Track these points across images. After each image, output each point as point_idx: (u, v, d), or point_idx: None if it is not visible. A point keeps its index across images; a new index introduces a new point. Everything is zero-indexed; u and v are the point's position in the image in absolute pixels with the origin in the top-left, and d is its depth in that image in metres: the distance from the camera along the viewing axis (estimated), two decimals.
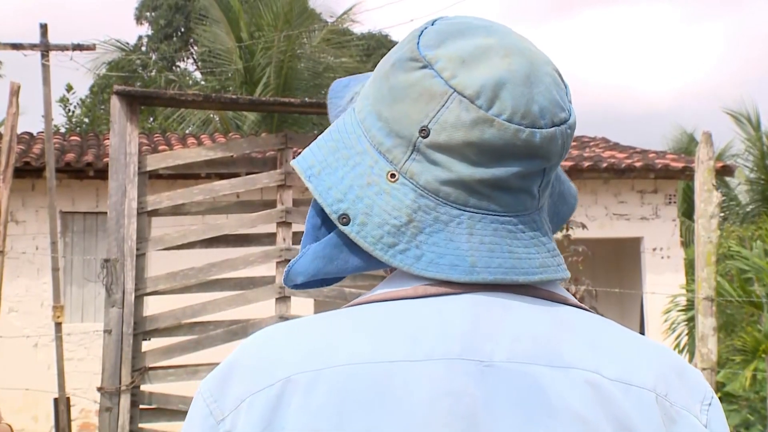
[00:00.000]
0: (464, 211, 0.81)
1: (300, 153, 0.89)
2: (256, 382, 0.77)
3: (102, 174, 9.52)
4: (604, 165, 11.09)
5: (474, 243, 0.81)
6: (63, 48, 7.78)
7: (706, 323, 4.62)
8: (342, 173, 0.83)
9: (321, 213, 0.87)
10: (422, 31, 0.85)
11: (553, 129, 0.82)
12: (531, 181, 0.83)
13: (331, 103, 0.95)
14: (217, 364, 0.85)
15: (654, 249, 11.45)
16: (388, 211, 0.81)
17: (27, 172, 10.06)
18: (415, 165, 0.81)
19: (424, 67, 0.82)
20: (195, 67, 25.49)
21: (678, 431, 0.79)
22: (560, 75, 0.86)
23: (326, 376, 0.76)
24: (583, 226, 7.88)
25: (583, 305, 0.86)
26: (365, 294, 0.86)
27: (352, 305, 0.84)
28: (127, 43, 21.93)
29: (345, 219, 0.82)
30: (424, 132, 0.81)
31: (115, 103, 5.47)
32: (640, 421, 0.78)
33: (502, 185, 0.81)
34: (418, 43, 0.84)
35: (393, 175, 0.82)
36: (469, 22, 0.86)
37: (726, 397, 7.37)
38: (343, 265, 0.84)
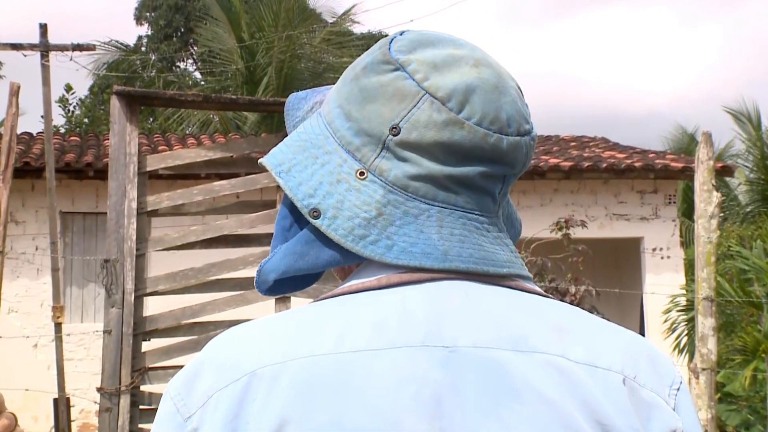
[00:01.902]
0: (433, 205, 0.83)
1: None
2: (222, 378, 0.79)
3: (102, 174, 9.52)
4: (604, 165, 11.09)
5: (444, 234, 0.83)
6: (63, 48, 7.77)
7: (706, 323, 4.62)
8: (311, 170, 0.85)
9: (291, 214, 0.89)
10: (392, 40, 0.88)
11: (518, 138, 0.85)
12: (493, 185, 0.86)
13: (288, 115, 0.97)
14: None
15: (654, 249, 11.45)
16: (358, 206, 0.83)
17: (27, 172, 10.06)
18: (384, 162, 0.84)
19: (397, 69, 0.85)
20: (195, 67, 25.49)
21: (647, 412, 0.80)
22: (522, 92, 0.90)
23: (290, 369, 0.77)
24: (583, 225, 7.88)
25: (550, 295, 0.88)
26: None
27: (317, 300, 0.86)
28: (127, 45, 21.93)
29: (316, 213, 0.83)
30: (395, 130, 0.83)
31: (115, 103, 5.46)
32: (607, 402, 0.78)
33: (469, 183, 0.84)
34: (389, 49, 0.87)
35: (362, 173, 0.84)
36: (438, 35, 0.89)
37: (726, 397, 7.38)
38: (314, 261, 0.85)
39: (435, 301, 0.81)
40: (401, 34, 0.89)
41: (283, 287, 0.90)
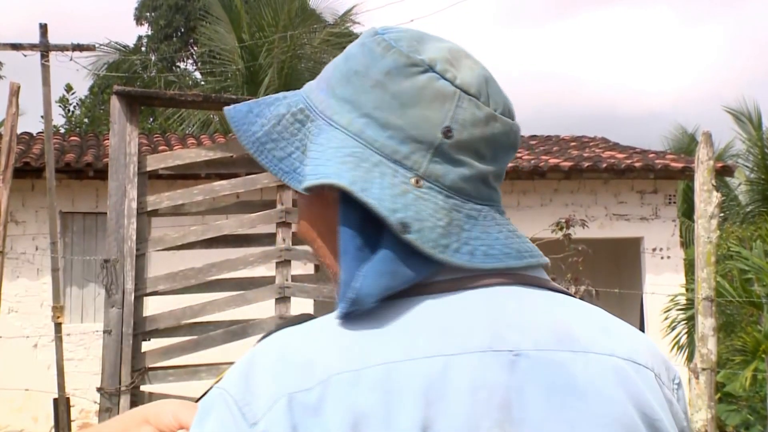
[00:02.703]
0: (483, 204, 0.85)
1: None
2: (293, 382, 0.76)
3: (102, 174, 9.51)
4: (604, 165, 11.09)
5: (504, 231, 0.85)
6: (63, 48, 7.77)
7: (706, 323, 4.62)
8: (377, 185, 0.81)
9: (364, 231, 0.82)
10: (387, 40, 0.85)
11: (515, 122, 0.87)
12: None
13: (240, 131, 0.88)
14: (218, 364, 0.83)
15: (654, 249, 11.44)
16: (431, 214, 0.81)
17: (27, 172, 10.05)
18: (437, 167, 0.82)
19: (426, 71, 0.83)
20: (195, 67, 25.48)
21: (670, 408, 0.84)
22: None
23: (366, 376, 0.76)
24: (584, 224, 7.89)
25: (567, 291, 0.90)
26: None
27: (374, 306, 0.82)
28: (127, 46, 21.92)
29: (405, 228, 0.79)
30: (449, 133, 0.82)
31: (115, 103, 5.46)
32: (652, 397, 0.82)
33: (500, 177, 0.86)
34: (402, 50, 0.83)
35: (418, 181, 0.82)
36: (414, 30, 0.87)
37: (726, 397, 7.37)
38: (403, 277, 0.81)
39: (492, 305, 0.81)
40: (383, 33, 0.86)
41: None
